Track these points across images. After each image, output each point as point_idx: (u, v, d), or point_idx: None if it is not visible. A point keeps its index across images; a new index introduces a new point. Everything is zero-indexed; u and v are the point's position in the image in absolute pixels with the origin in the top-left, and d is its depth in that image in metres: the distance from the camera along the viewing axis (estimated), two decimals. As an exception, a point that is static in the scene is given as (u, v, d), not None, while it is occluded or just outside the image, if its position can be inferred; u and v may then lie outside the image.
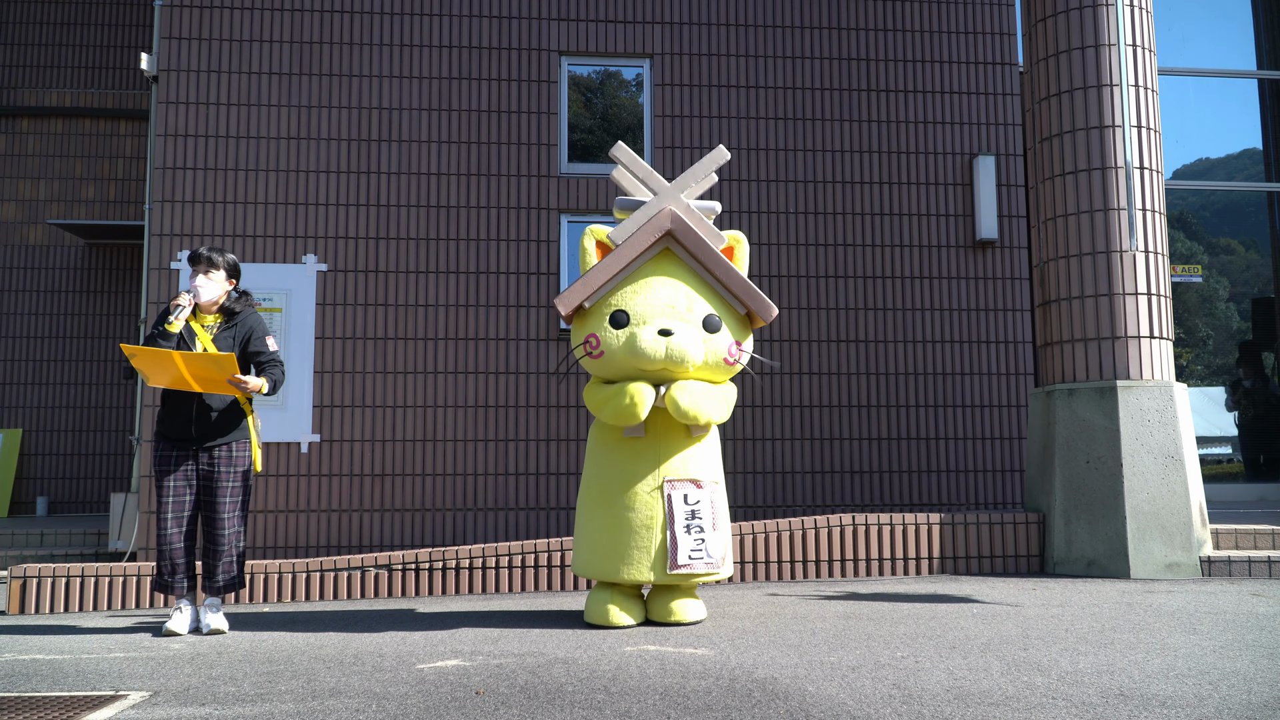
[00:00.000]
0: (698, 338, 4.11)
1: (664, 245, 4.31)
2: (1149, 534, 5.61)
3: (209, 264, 4.45)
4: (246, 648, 4.01)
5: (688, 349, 4.05)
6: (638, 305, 4.16)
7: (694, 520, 4.13)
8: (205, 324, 4.51)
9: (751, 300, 4.27)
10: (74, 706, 2.99)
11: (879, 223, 7.87)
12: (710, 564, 4.14)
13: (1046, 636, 3.82)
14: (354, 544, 7.20)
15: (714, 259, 4.26)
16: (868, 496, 7.61)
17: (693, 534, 4.11)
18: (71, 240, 10.05)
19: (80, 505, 9.85)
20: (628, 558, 4.13)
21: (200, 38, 7.54)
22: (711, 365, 4.18)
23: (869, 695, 2.91)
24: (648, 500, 4.15)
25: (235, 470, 4.47)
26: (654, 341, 4.04)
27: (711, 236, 4.33)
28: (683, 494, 4.16)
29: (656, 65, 7.85)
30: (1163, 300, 6.00)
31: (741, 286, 4.26)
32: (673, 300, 4.16)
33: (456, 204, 7.59)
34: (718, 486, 4.29)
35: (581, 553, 4.33)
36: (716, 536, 4.19)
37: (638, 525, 4.13)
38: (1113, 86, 6.04)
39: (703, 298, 4.22)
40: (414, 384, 7.40)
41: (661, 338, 4.05)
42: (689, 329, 4.11)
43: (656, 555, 4.11)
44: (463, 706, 2.88)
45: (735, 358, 4.23)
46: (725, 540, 4.25)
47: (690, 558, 4.10)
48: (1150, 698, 2.83)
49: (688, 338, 4.07)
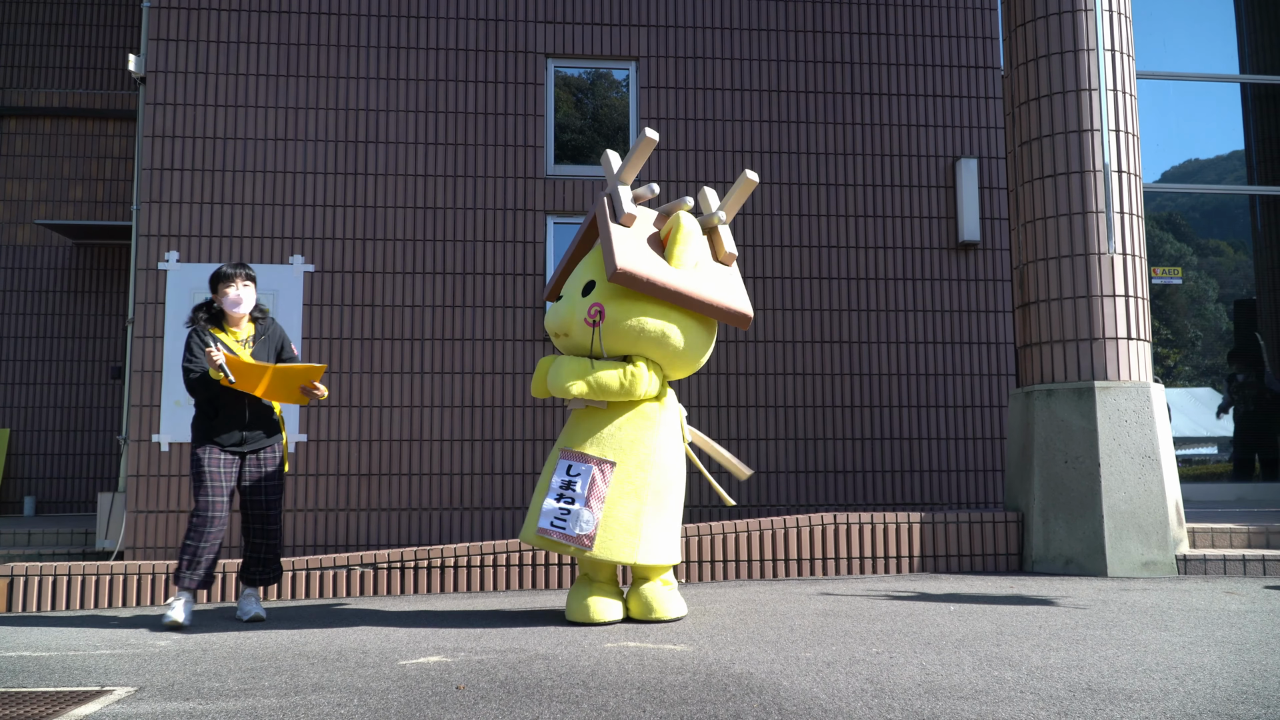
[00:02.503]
0: (565, 303, 4.46)
1: None
2: (1126, 533, 5.68)
3: (245, 277, 4.74)
4: (231, 645, 4.05)
5: (559, 312, 4.44)
6: (568, 284, 4.61)
7: (567, 490, 4.24)
8: (238, 338, 4.75)
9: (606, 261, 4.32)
10: (60, 701, 3.03)
11: (862, 225, 7.95)
12: (568, 536, 4.16)
13: (1020, 633, 3.89)
14: (340, 543, 7.24)
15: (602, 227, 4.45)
16: (850, 496, 7.67)
17: (561, 502, 4.22)
18: (59, 240, 10.07)
19: (67, 505, 9.86)
20: (527, 519, 4.39)
21: (188, 39, 7.57)
22: (565, 326, 4.41)
23: (842, 689, 2.97)
24: (549, 467, 4.38)
25: (277, 470, 4.81)
26: (552, 309, 4.54)
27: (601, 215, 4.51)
28: (567, 464, 4.29)
29: (642, 68, 7.91)
30: (1141, 302, 6.08)
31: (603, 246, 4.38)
32: (580, 274, 4.52)
33: (443, 205, 7.63)
34: (611, 467, 4.24)
35: None
36: (588, 513, 4.17)
37: (540, 489, 4.36)
38: (1091, 91, 6.12)
39: (595, 269, 4.44)
40: (400, 384, 7.44)
41: (553, 305, 4.57)
42: (571, 297, 4.44)
43: (535, 517, 4.30)
44: (443, 701, 2.93)
45: (591, 319, 4.31)
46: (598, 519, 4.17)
47: (552, 524, 4.20)
48: (1117, 692, 2.89)
49: (564, 303, 4.46)
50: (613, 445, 4.29)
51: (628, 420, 4.34)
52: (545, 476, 4.37)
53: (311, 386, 4.64)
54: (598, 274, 4.38)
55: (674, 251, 4.34)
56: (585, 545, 4.18)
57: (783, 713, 2.72)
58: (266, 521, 4.77)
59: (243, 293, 4.70)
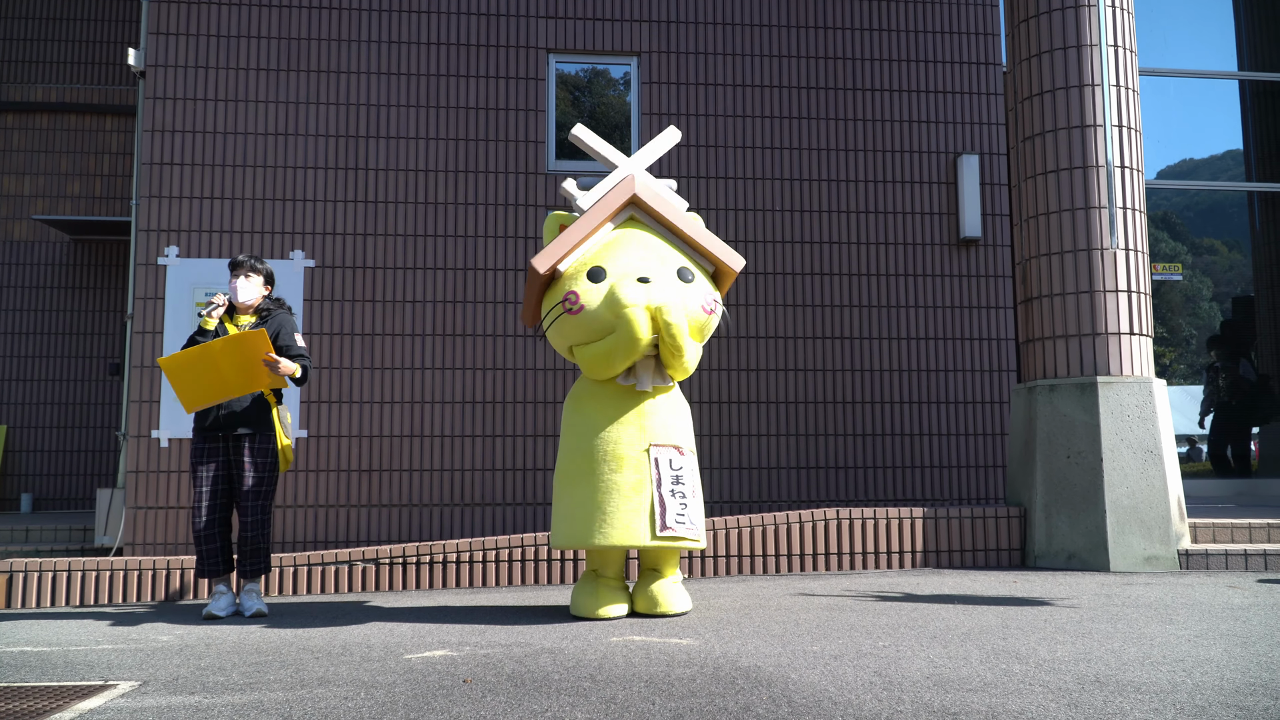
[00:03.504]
0: (675, 286, 4.20)
1: (629, 213, 4.48)
2: (1128, 528, 5.68)
3: (250, 269, 4.82)
4: (235, 639, 4.04)
5: (668, 294, 4.11)
6: (613, 261, 4.25)
7: (678, 485, 4.17)
8: (239, 324, 4.84)
9: (719, 251, 4.40)
10: (63, 695, 3.01)
11: (864, 220, 7.94)
12: (693, 530, 4.18)
13: (1025, 626, 3.89)
14: (342, 539, 7.23)
15: (679, 216, 4.43)
16: (851, 492, 7.67)
17: (677, 498, 4.14)
18: (57, 236, 10.03)
19: (65, 502, 9.83)
20: (615, 522, 4.07)
21: (188, 33, 7.54)
22: (690, 315, 4.22)
23: (850, 682, 2.96)
24: (635, 464, 4.14)
25: (260, 461, 4.77)
26: (634, 289, 4.08)
27: (673, 199, 4.52)
28: (668, 458, 4.19)
29: (644, 63, 7.89)
30: (1143, 297, 6.07)
31: (708, 239, 4.41)
32: (645, 255, 4.28)
33: (444, 200, 7.61)
34: (694, 456, 4.37)
35: (563, 525, 4.26)
36: (697, 504, 4.24)
37: (625, 488, 4.11)
38: (1094, 86, 6.11)
39: (677, 255, 4.38)
40: (401, 380, 7.42)
41: (641, 285, 4.11)
42: (665, 278, 4.22)
43: (645, 518, 4.09)
44: (450, 694, 2.92)
45: (711, 308, 4.31)
46: (703, 512, 4.32)
47: (677, 521, 4.11)
48: (1125, 684, 2.89)
49: (665, 285, 4.17)
50: (680, 434, 4.33)
51: (683, 408, 4.43)
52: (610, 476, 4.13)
53: (269, 359, 4.54)
54: (686, 260, 4.36)
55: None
56: (700, 537, 4.23)
57: (792, 705, 2.71)
58: (245, 512, 4.77)
59: (241, 284, 4.79)
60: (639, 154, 4.63)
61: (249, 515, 4.77)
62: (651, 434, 4.22)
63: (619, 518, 4.07)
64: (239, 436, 4.77)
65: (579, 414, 4.36)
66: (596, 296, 4.16)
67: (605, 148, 4.65)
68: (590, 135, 4.65)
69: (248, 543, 4.79)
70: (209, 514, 4.74)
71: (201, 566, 4.78)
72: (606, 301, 4.12)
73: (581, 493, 4.19)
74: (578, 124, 4.73)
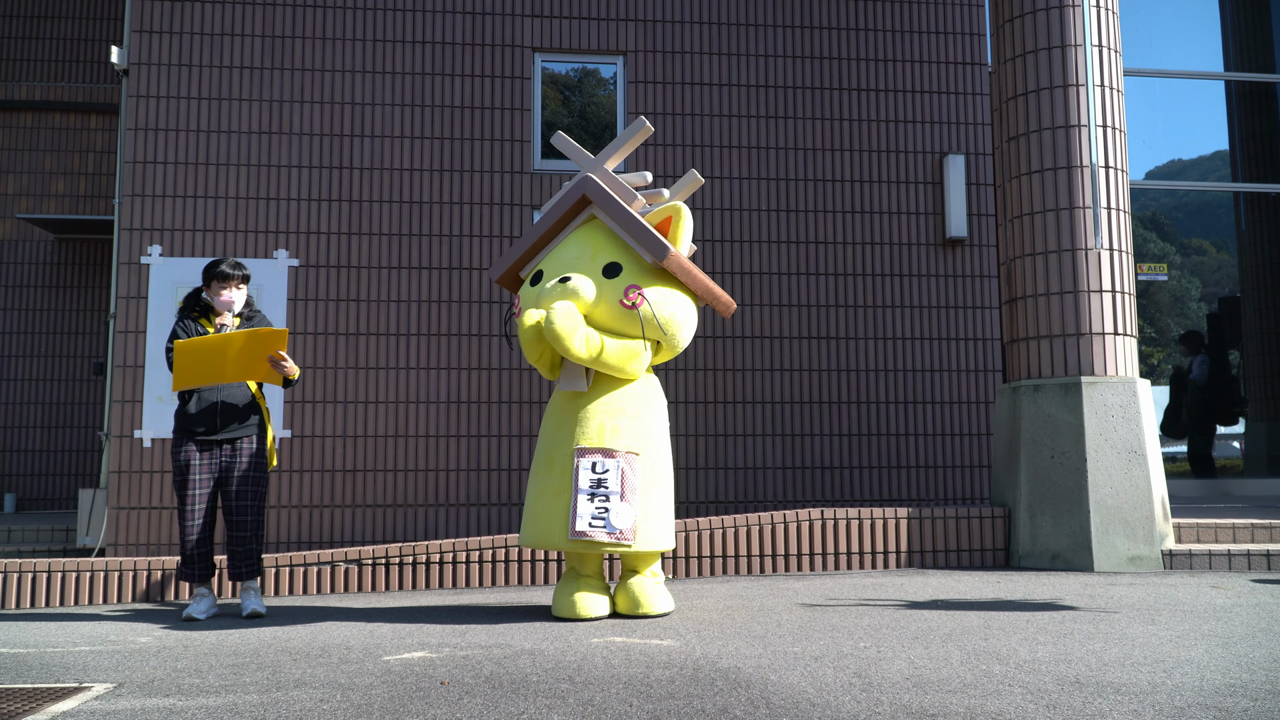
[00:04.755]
0: (591, 281, 4.25)
1: (589, 214, 4.50)
2: (1112, 528, 5.69)
3: (241, 280, 4.77)
4: (213, 641, 4.01)
5: (579, 287, 4.20)
6: (551, 263, 4.42)
7: (599, 489, 4.17)
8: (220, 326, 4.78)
9: (641, 238, 4.32)
10: (37, 698, 2.98)
11: (850, 220, 7.94)
12: (613, 534, 4.14)
13: (1007, 627, 3.88)
14: (324, 539, 7.19)
15: (616, 208, 4.38)
16: (837, 492, 7.67)
17: (595, 501, 4.15)
18: (40, 235, 9.96)
19: (48, 502, 9.77)
20: (536, 522, 4.26)
21: (172, 31, 7.50)
22: (609, 308, 4.24)
23: (829, 683, 2.95)
24: (561, 467, 4.24)
25: (256, 461, 4.73)
26: (552, 288, 4.23)
27: (622, 193, 4.50)
28: (591, 462, 4.20)
29: (630, 63, 7.88)
30: (1127, 297, 6.08)
31: (635, 228, 4.34)
32: (579, 254, 4.37)
33: (429, 200, 7.58)
34: (636, 457, 4.26)
35: (522, 521, 4.46)
36: (625, 507, 4.17)
37: (550, 492, 4.24)
38: (1079, 86, 6.12)
39: (611, 251, 4.36)
40: (385, 379, 7.39)
41: (560, 284, 4.23)
42: (585, 276, 4.27)
43: (563, 521, 4.18)
44: (427, 696, 2.90)
45: (632, 301, 4.25)
46: (637, 512, 4.20)
47: (590, 525, 4.12)
48: (1105, 684, 2.88)
49: (580, 281, 4.24)
50: (633, 435, 4.29)
51: (643, 408, 4.38)
52: (545, 478, 4.27)
53: (279, 357, 4.55)
54: (620, 255, 4.33)
55: (678, 238, 4.42)
56: (628, 540, 4.17)
57: (770, 707, 2.69)
58: (240, 513, 4.69)
59: (235, 296, 4.76)
60: (601, 153, 4.64)
61: (248, 516, 4.70)
62: (581, 438, 4.26)
63: (539, 520, 4.25)
64: (233, 439, 4.71)
65: (546, 416, 4.51)
66: (530, 298, 4.37)
67: (576, 151, 4.69)
68: (565, 141, 4.73)
69: (245, 544, 4.72)
70: (202, 517, 4.66)
71: (190, 571, 4.69)
72: (532, 300, 4.34)
73: (533, 489, 4.37)
74: (557, 131, 4.80)
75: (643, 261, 4.36)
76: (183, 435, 4.70)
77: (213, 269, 4.72)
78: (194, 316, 4.75)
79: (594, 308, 4.24)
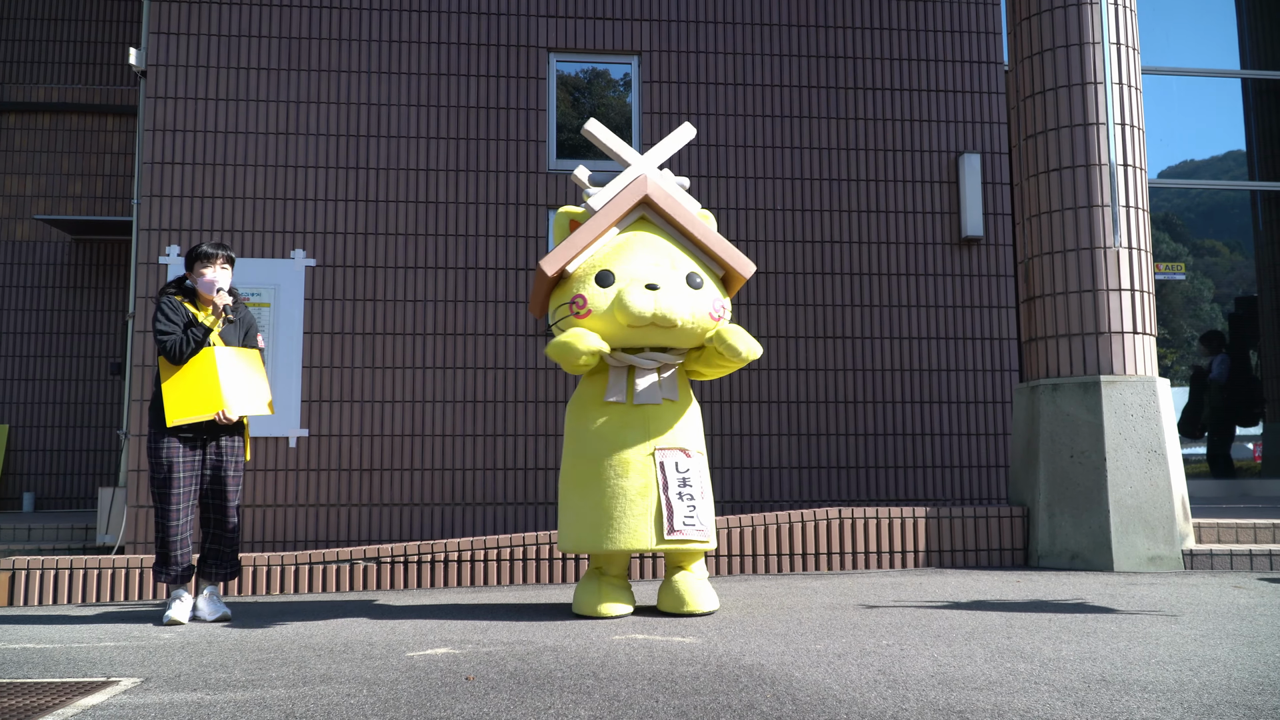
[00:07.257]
0: (683, 292, 4.17)
1: (639, 214, 4.44)
2: (1132, 527, 5.66)
3: (227, 259, 4.62)
4: (236, 637, 4.02)
5: (675, 301, 4.09)
6: (622, 265, 4.23)
7: (685, 487, 4.16)
8: (208, 313, 4.61)
9: (729, 256, 4.37)
10: (66, 692, 3.00)
11: (865, 220, 7.93)
12: (702, 532, 4.17)
13: (1030, 626, 3.87)
14: (342, 538, 7.21)
15: (690, 220, 4.39)
16: (854, 492, 7.65)
17: (685, 501, 4.14)
18: (58, 236, 10.02)
19: (67, 501, 9.82)
20: (622, 526, 4.10)
21: (189, 33, 7.54)
22: (697, 320, 4.18)
23: (854, 680, 2.95)
24: (640, 468, 4.15)
25: (239, 461, 4.67)
26: (642, 296, 4.07)
27: (686, 200, 4.48)
28: (674, 461, 4.19)
29: (644, 62, 7.88)
30: (1146, 296, 6.06)
31: (718, 244, 4.37)
32: (656, 259, 4.25)
33: (445, 199, 7.60)
34: (702, 458, 4.35)
35: (570, 529, 4.27)
36: (706, 505, 4.23)
37: (632, 493, 4.12)
38: (1096, 84, 6.10)
39: (686, 260, 4.34)
40: (402, 379, 7.41)
41: (649, 292, 4.09)
42: (675, 284, 4.18)
43: (652, 522, 4.11)
44: (453, 691, 2.91)
45: (719, 314, 4.26)
46: (712, 511, 4.32)
47: (684, 524, 4.10)
48: (1131, 683, 2.87)
49: (675, 291, 4.14)
50: (690, 436, 4.33)
51: (691, 409, 4.42)
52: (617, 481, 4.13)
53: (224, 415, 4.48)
54: (697, 264, 4.34)
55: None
56: (710, 539, 4.22)
57: (796, 703, 2.69)
58: (226, 513, 4.60)
59: (219, 275, 4.55)
60: (652, 152, 4.56)
61: (232, 517, 4.61)
62: (656, 436, 4.22)
63: (626, 522, 4.11)
64: (220, 439, 4.59)
65: (584, 418, 4.34)
66: (604, 301, 4.16)
67: (618, 144, 4.57)
68: (603, 130, 4.57)
69: (231, 544, 4.62)
70: (188, 515, 4.53)
71: (174, 572, 4.53)
72: (615, 305, 4.11)
73: (590, 498, 4.19)
74: (591, 119, 4.65)
75: (711, 271, 4.40)
76: (165, 432, 4.50)
77: (194, 252, 4.55)
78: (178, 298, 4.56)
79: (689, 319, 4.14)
